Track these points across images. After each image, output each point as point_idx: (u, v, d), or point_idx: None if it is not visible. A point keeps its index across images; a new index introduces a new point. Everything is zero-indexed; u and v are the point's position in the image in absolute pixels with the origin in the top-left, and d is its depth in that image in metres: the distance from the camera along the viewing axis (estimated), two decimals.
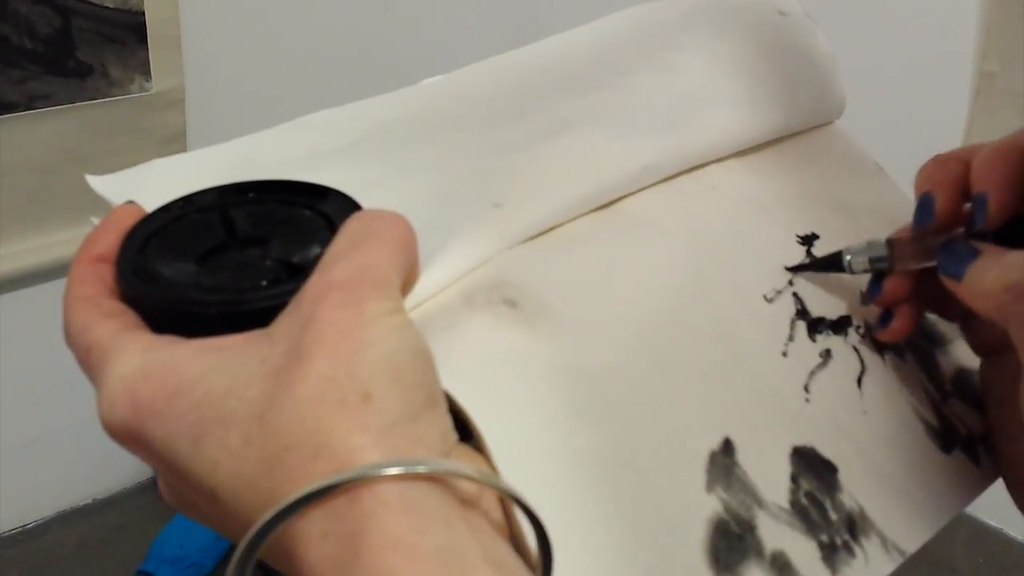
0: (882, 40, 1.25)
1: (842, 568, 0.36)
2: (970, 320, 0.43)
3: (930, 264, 0.39)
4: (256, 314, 0.28)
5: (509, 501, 0.28)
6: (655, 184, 0.42)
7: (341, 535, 0.24)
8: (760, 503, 0.35)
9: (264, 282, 0.30)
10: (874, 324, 0.42)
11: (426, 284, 0.33)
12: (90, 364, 0.29)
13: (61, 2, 1.15)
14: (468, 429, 0.30)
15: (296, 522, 0.25)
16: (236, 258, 0.31)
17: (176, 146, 1.29)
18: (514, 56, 0.46)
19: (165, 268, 0.31)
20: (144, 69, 1.24)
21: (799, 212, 0.45)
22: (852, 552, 0.36)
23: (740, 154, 0.46)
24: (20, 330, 1.27)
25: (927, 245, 0.39)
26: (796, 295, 0.41)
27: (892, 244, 0.40)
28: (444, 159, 0.40)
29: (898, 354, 0.43)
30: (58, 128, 1.19)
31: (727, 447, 0.35)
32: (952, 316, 0.44)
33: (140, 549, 1.28)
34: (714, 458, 0.35)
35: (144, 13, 1.21)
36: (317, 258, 0.29)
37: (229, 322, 0.28)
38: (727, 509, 0.34)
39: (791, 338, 0.40)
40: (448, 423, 0.28)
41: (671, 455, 0.34)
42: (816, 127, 0.49)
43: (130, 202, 0.34)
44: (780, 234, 0.43)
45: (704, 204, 0.43)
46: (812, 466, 0.37)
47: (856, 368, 0.41)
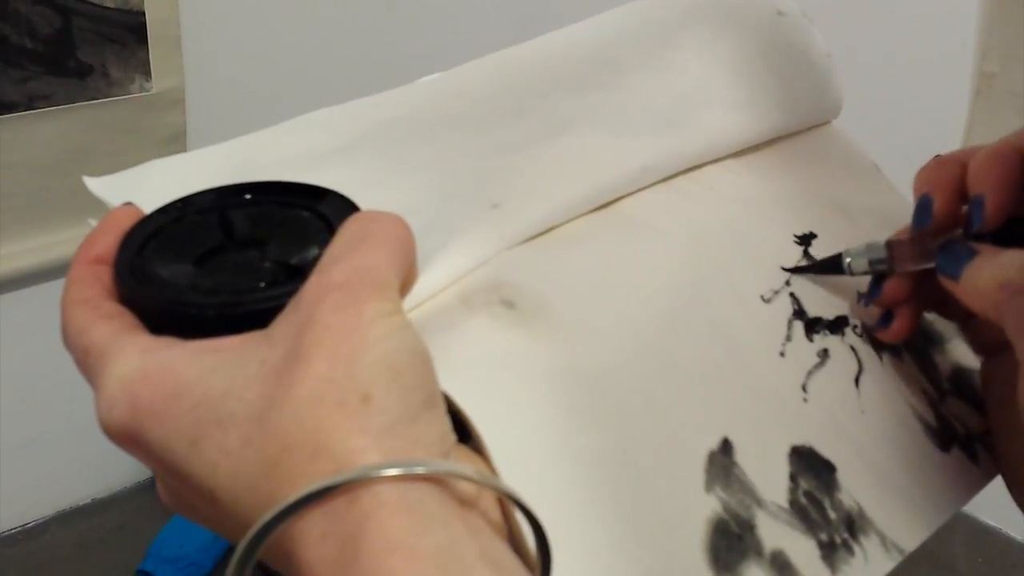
0: (882, 40, 1.25)
1: (841, 567, 0.36)
2: (969, 320, 0.43)
3: (929, 265, 0.39)
4: (254, 315, 0.28)
5: (508, 502, 0.28)
6: (653, 184, 0.42)
7: (340, 536, 0.24)
8: (759, 502, 0.35)
9: (262, 283, 0.30)
10: (875, 325, 0.42)
11: (424, 285, 0.33)
12: (88, 366, 0.29)
13: (61, 2, 1.15)
14: (467, 430, 0.30)
15: (295, 523, 0.25)
16: (234, 259, 0.31)
17: (176, 146, 1.29)
18: (513, 54, 0.46)
19: (163, 269, 0.31)
20: (144, 69, 1.23)
21: (796, 212, 0.45)
22: (851, 551, 0.36)
23: (738, 154, 0.46)
24: (20, 330, 1.27)
25: (926, 247, 0.39)
26: (793, 295, 0.41)
27: (891, 246, 0.40)
28: (443, 158, 0.40)
29: (895, 353, 0.43)
30: (58, 128, 1.19)
31: (726, 447, 0.35)
32: (952, 316, 0.44)
33: (139, 549, 1.28)
34: (713, 458, 0.35)
35: (144, 13, 1.21)
36: (315, 259, 0.29)
37: (227, 323, 0.28)
38: (726, 509, 0.34)
39: (788, 338, 0.40)
40: (447, 424, 0.28)
41: (670, 455, 0.34)
42: (814, 127, 0.49)
43: (128, 203, 0.34)
44: (778, 234, 0.43)
45: (702, 204, 0.43)
46: (811, 465, 0.37)
47: (854, 368, 0.41)
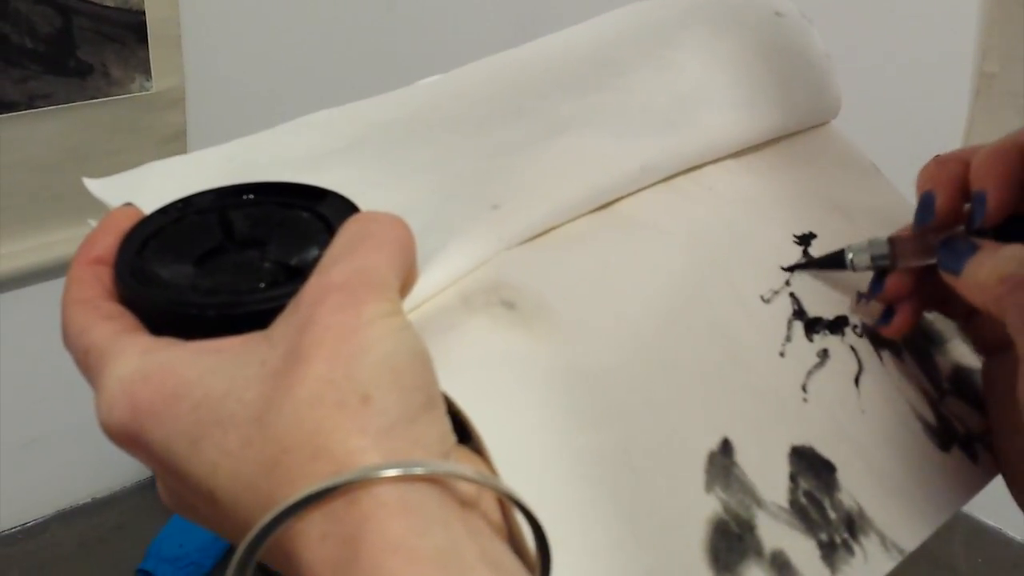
0: (882, 40, 1.25)
1: (841, 567, 0.36)
2: (971, 318, 0.43)
3: (931, 261, 0.39)
4: (254, 316, 0.28)
5: (508, 502, 0.28)
6: (653, 184, 0.42)
7: (340, 537, 0.24)
8: (759, 503, 0.35)
9: (262, 284, 0.30)
10: (876, 321, 0.42)
11: (424, 286, 0.33)
12: (88, 366, 0.29)
13: (62, 1, 1.15)
14: (467, 431, 0.30)
15: (295, 524, 0.25)
16: (234, 260, 0.31)
17: (176, 145, 1.29)
18: (513, 55, 0.46)
19: (163, 270, 0.31)
20: (144, 68, 1.23)
21: (796, 212, 0.45)
22: (851, 551, 0.36)
23: (737, 154, 0.46)
24: (20, 329, 1.27)
25: (928, 243, 0.40)
26: (793, 295, 0.41)
27: (893, 242, 0.41)
28: (443, 159, 0.40)
29: (895, 353, 0.43)
30: (59, 127, 1.19)
31: (726, 447, 0.35)
32: (953, 314, 0.44)
33: (139, 548, 1.28)
34: (713, 458, 0.35)
35: (144, 12, 1.21)
36: (315, 260, 0.29)
37: (227, 324, 0.28)
38: (726, 509, 0.34)
39: (788, 338, 0.40)
40: (447, 425, 0.28)
41: (670, 455, 0.34)
42: (812, 127, 0.49)
43: (128, 204, 0.34)
44: (777, 234, 0.43)
45: (702, 204, 0.43)
46: (811, 465, 0.37)
47: (853, 367, 0.41)
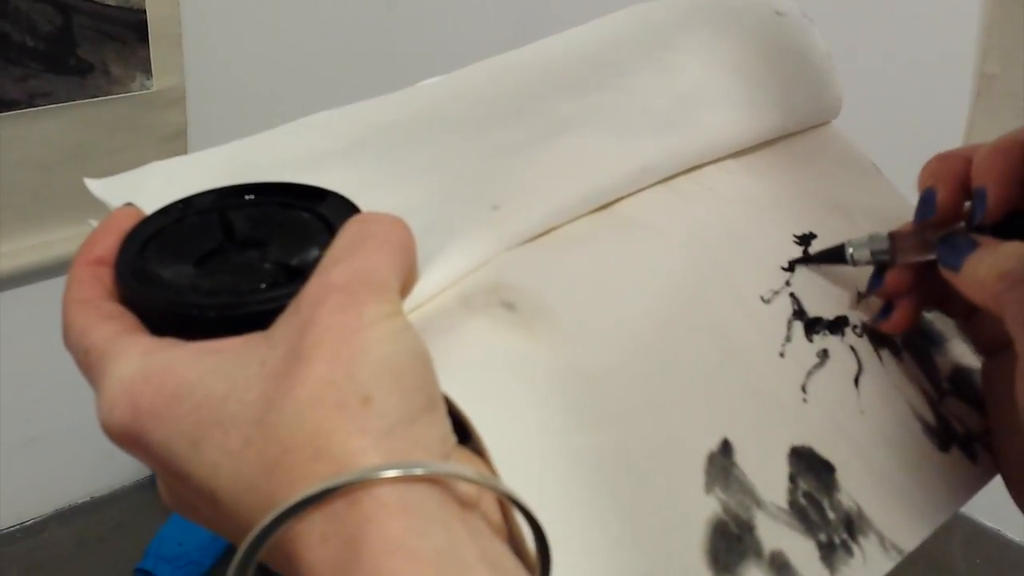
0: (882, 41, 1.25)
1: (840, 567, 0.36)
2: (970, 317, 0.43)
3: (930, 257, 0.40)
4: (255, 317, 0.28)
5: (508, 503, 0.28)
6: (653, 185, 0.42)
7: (340, 537, 0.24)
8: (759, 503, 0.35)
9: (263, 285, 0.30)
10: (875, 316, 0.42)
11: (424, 287, 0.33)
12: (89, 366, 0.29)
13: (62, 0, 1.15)
14: (467, 431, 0.30)
15: (296, 525, 0.25)
16: (235, 261, 0.31)
17: (177, 144, 1.29)
18: (513, 56, 0.46)
19: (164, 271, 0.31)
20: (145, 67, 1.23)
21: (796, 212, 0.45)
22: (850, 551, 0.36)
23: (737, 154, 0.46)
24: (20, 328, 1.27)
25: (928, 238, 0.40)
26: (793, 295, 0.41)
27: (894, 237, 0.41)
28: (442, 160, 0.40)
29: (895, 353, 0.43)
30: (59, 126, 1.19)
31: (725, 448, 0.36)
32: (953, 312, 0.44)
33: (138, 547, 1.28)
34: (712, 459, 0.35)
35: (145, 11, 1.21)
36: (316, 261, 0.29)
37: (228, 325, 0.28)
38: (726, 510, 0.34)
39: (788, 338, 0.40)
40: (447, 426, 0.28)
41: (670, 456, 0.34)
42: (813, 127, 0.49)
43: (129, 204, 0.34)
44: (777, 234, 0.43)
45: (702, 205, 0.43)
46: (810, 466, 0.37)
47: (853, 368, 0.41)
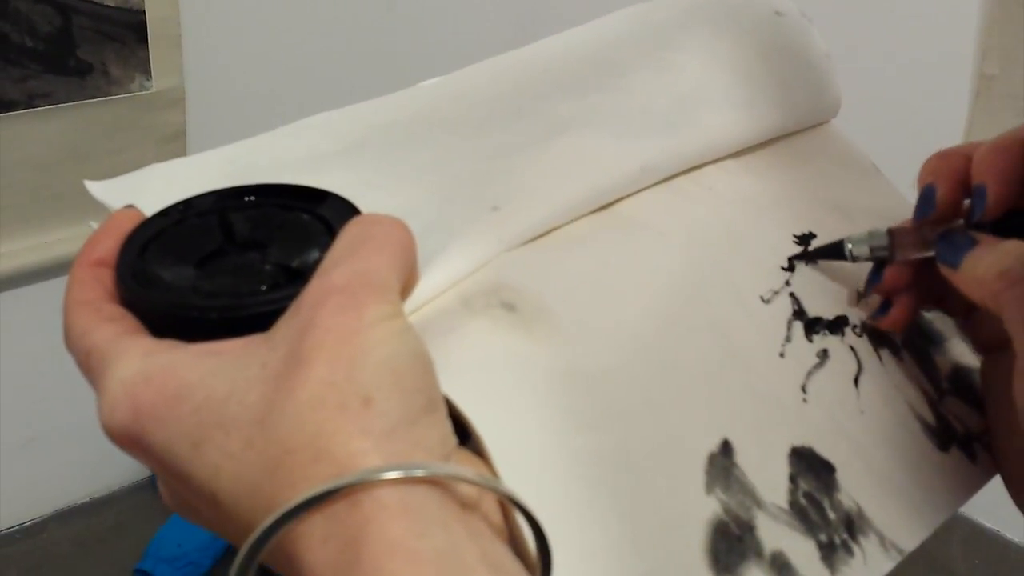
0: (882, 41, 1.25)
1: (841, 567, 0.36)
2: (969, 315, 0.43)
3: (929, 254, 0.40)
4: (256, 319, 0.28)
5: (509, 504, 0.28)
6: (653, 185, 0.42)
7: (341, 539, 0.24)
8: (759, 504, 0.35)
9: (263, 286, 0.30)
10: (873, 313, 0.42)
11: (424, 288, 0.33)
12: (90, 368, 0.29)
13: (62, 0, 1.15)
14: (467, 432, 0.30)
15: (297, 526, 0.25)
16: (235, 262, 0.31)
17: (176, 145, 1.29)
18: (513, 56, 0.46)
19: (164, 272, 0.31)
20: (144, 68, 1.23)
21: (795, 212, 0.45)
22: (851, 551, 0.36)
23: (737, 154, 0.46)
24: (20, 329, 1.27)
25: (927, 235, 0.40)
26: (793, 295, 0.41)
27: (893, 233, 0.41)
28: (442, 161, 0.40)
29: (895, 353, 0.43)
30: (58, 126, 1.19)
31: (726, 448, 0.36)
32: (952, 311, 0.44)
33: (138, 548, 1.28)
34: (713, 459, 0.35)
35: (144, 12, 1.21)
36: (316, 262, 0.29)
37: (229, 326, 0.29)
38: (726, 510, 0.34)
39: (788, 339, 0.40)
40: (448, 427, 0.28)
41: (670, 457, 0.34)
42: (812, 127, 0.50)
43: (129, 206, 0.34)
44: (777, 234, 0.43)
45: (702, 205, 0.43)
46: (810, 466, 0.37)
47: (853, 368, 0.41)
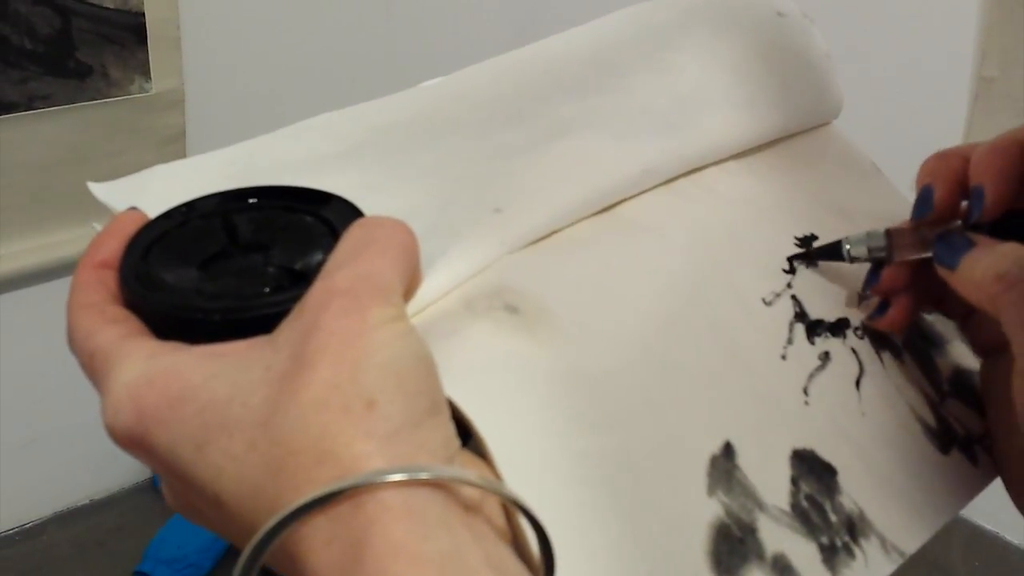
0: (881, 43, 1.25)
1: (842, 570, 0.36)
2: (968, 317, 0.43)
3: (927, 255, 0.40)
4: (259, 321, 0.28)
5: (512, 506, 0.28)
6: (654, 187, 0.42)
7: (345, 541, 0.24)
8: (761, 506, 0.35)
9: (267, 289, 0.30)
10: (871, 313, 0.42)
11: (427, 290, 0.33)
12: (94, 370, 0.29)
13: (61, 2, 1.15)
14: (470, 434, 0.30)
15: (300, 528, 0.25)
16: (239, 264, 0.31)
17: (176, 147, 1.29)
18: (514, 57, 0.46)
19: (168, 274, 0.31)
20: (144, 70, 1.24)
21: (797, 214, 0.45)
22: (852, 554, 0.36)
23: (738, 156, 0.46)
24: (20, 330, 1.27)
25: (925, 236, 0.40)
26: (795, 297, 0.41)
27: (891, 234, 0.41)
28: (444, 163, 0.40)
29: (896, 355, 0.43)
30: (58, 128, 1.19)
31: (728, 451, 0.36)
32: (951, 313, 0.44)
33: (137, 550, 1.28)
34: (715, 462, 0.35)
35: (144, 14, 1.21)
36: (319, 265, 0.29)
37: (232, 329, 0.29)
38: (728, 512, 0.34)
39: (790, 341, 0.40)
40: (451, 429, 0.28)
41: (672, 459, 0.34)
42: (813, 128, 0.50)
43: (132, 208, 0.34)
44: (778, 236, 0.43)
45: (703, 206, 0.43)
46: (812, 469, 0.37)
47: (854, 370, 0.41)
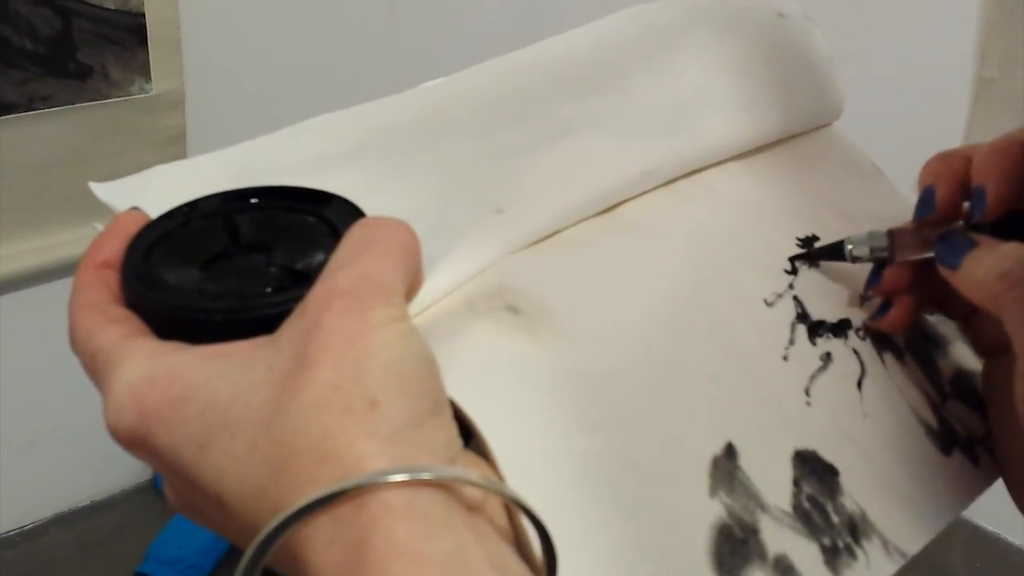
0: (881, 44, 1.25)
1: (844, 571, 0.36)
2: (970, 318, 0.43)
3: (929, 255, 0.40)
4: (261, 321, 0.28)
5: (514, 507, 0.28)
6: (655, 188, 0.42)
7: (347, 541, 0.24)
8: (763, 507, 0.35)
9: (269, 289, 0.30)
10: (873, 314, 0.42)
11: (429, 291, 0.33)
12: (96, 370, 0.29)
13: (62, 3, 1.15)
14: (471, 434, 0.30)
15: (302, 528, 0.25)
16: (240, 264, 0.31)
17: (176, 148, 1.29)
18: (515, 58, 0.46)
19: (170, 275, 0.31)
20: (144, 71, 1.24)
21: (798, 215, 0.45)
22: (854, 555, 0.36)
23: (739, 157, 0.46)
24: (21, 330, 1.27)
25: (927, 236, 0.40)
26: (796, 298, 0.41)
27: (893, 234, 0.41)
28: (445, 163, 0.40)
29: (898, 356, 0.43)
30: (58, 129, 1.19)
31: (729, 451, 0.36)
32: (953, 313, 0.44)
33: (138, 551, 1.28)
34: (717, 463, 0.35)
35: (144, 15, 1.21)
36: (321, 265, 0.29)
37: (234, 329, 0.29)
38: (730, 513, 0.34)
39: (792, 341, 0.40)
40: (453, 430, 0.28)
41: (674, 460, 0.34)
42: (814, 129, 0.50)
43: (134, 208, 0.34)
44: (780, 237, 0.43)
45: (704, 207, 0.43)
46: (814, 469, 0.37)
47: (856, 371, 0.41)
